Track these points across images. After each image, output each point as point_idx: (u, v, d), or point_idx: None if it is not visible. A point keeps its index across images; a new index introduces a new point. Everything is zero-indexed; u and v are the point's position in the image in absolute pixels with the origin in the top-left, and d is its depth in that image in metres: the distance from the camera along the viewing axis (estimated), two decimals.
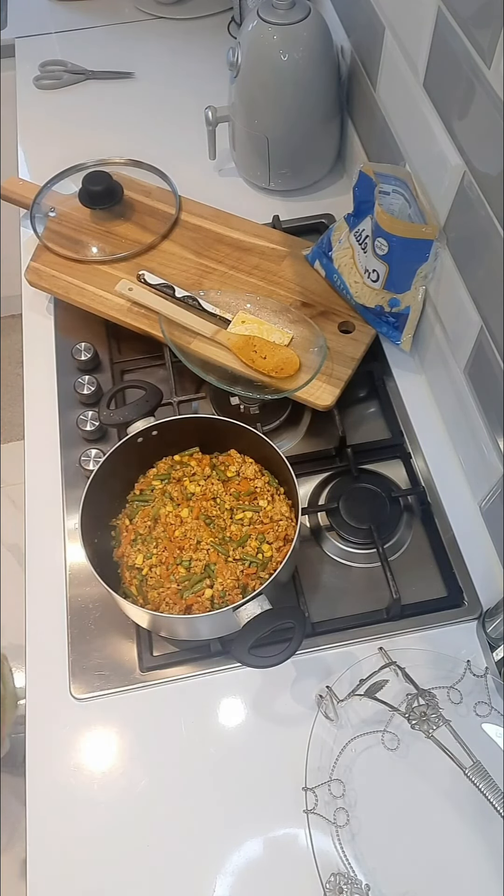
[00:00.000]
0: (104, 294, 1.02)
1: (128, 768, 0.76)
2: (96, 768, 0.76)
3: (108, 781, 0.76)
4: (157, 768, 0.76)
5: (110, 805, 0.75)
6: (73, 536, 0.90)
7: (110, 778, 0.76)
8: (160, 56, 1.44)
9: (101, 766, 0.76)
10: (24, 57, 1.45)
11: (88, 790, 0.75)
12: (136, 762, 0.77)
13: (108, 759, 0.77)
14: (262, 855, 0.72)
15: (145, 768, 0.76)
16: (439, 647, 0.81)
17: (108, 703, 0.80)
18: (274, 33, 1.03)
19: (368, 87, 1.03)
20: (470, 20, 0.70)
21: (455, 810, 0.73)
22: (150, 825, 0.73)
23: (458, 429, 0.92)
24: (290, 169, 1.17)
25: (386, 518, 0.89)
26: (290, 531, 0.80)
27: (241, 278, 1.05)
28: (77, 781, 0.76)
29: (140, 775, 0.76)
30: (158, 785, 0.75)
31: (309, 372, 0.93)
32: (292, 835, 0.72)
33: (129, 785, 0.75)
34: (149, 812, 0.74)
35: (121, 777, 0.76)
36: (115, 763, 0.77)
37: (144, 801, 0.75)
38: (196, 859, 0.72)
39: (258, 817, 0.73)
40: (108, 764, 0.77)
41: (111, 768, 0.76)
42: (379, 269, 0.92)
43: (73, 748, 0.77)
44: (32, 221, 1.11)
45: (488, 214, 0.72)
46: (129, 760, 0.77)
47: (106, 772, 0.76)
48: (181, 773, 0.76)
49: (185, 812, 0.74)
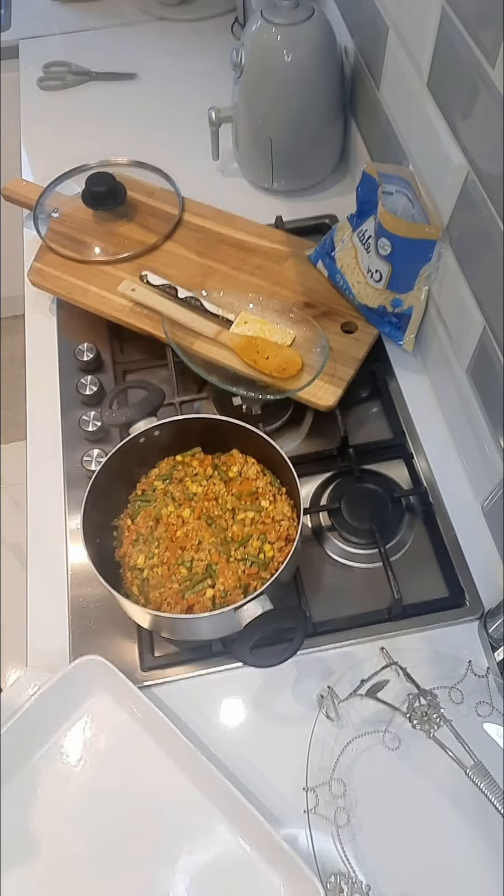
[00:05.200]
0: (107, 294, 1.02)
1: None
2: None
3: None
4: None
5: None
6: (74, 536, 0.90)
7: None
8: (163, 57, 1.44)
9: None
10: (27, 58, 1.46)
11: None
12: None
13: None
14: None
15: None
16: (441, 647, 0.81)
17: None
18: (278, 34, 1.03)
19: (372, 87, 1.04)
20: (474, 20, 0.70)
21: (456, 810, 0.73)
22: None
23: (460, 429, 0.92)
24: (293, 169, 1.17)
25: (388, 518, 0.89)
26: (291, 531, 0.80)
27: (243, 279, 1.05)
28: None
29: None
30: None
31: (311, 372, 0.93)
32: (293, 834, 0.72)
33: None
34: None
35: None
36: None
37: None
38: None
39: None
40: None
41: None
42: (382, 269, 0.92)
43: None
44: (35, 222, 1.11)
45: (491, 214, 0.72)
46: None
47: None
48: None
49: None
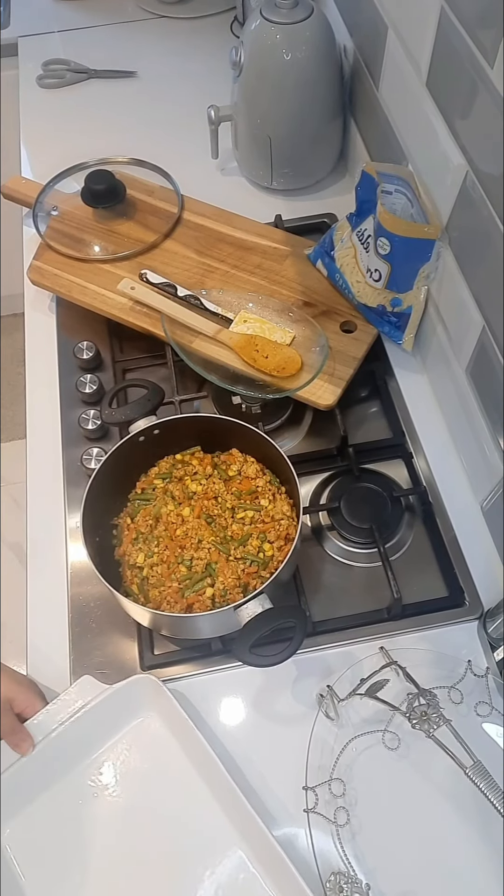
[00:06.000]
0: (106, 293, 1.02)
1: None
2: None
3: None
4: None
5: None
6: (74, 535, 0.90)
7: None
8: (163, 55, 1.44)
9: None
10: (27, 56, 1.45)
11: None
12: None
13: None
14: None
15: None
16: (440, 646, 0.81)
17: None
18: (277, 33, 1.03)
19: (371, 86, 1.03)
20: (473, 20, 0.70)
21: (456, 810, 0.73)
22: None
23: (459, 429, 0.92)
24: (292, 168, 1.17)
25: (387, 518, 0.89)
26: (291, 530, 0.80)
27: (243, 277, 1.05)
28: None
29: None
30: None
31: (311, 371, 0.93)
32: (293, 834, 0.72)
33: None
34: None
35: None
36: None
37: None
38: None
39: (259, 816, 0.73)
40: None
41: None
42: (381, 268, 0.92)
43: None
44: (35, 220, 1.11)
45: (490, 214, 0.72)
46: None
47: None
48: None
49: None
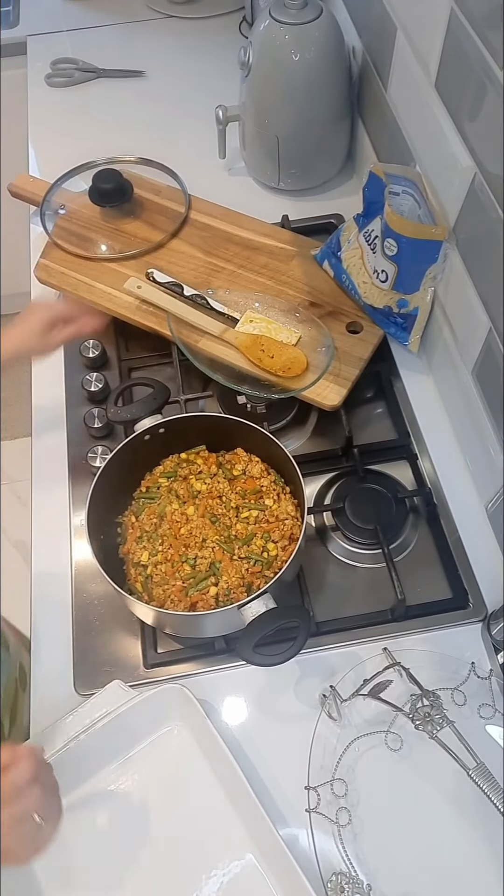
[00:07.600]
0: (113, 291, 1.03)
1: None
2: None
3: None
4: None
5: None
6: (79, 533, 0.90)
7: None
8: (171, 55, 1.44)
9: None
10: (35, 55, 1.46)
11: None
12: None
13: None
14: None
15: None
16: (444, 648, 0.81)
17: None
18: (286, 33, 1.03)
19: (379, 87, 1.03)
20: (483, 21, 0.70)
21: (458, 811, 0.73)
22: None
23: (464, 430, 0.92)
24: (299, 169, 1.17)
25: (392, 519, 0.89)
26: (295, 530, 0.80)
27: (249, 277, 1.05)
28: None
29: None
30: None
31: (316, 372, 0.93)
32: (294, 833, 0.72)
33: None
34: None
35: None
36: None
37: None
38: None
39: (260, 815, 0.73)
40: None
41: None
42: (388, 269, 0.92)
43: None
44: (42, 219, 1.11)
45: (499, 216, 0.72)
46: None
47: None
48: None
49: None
